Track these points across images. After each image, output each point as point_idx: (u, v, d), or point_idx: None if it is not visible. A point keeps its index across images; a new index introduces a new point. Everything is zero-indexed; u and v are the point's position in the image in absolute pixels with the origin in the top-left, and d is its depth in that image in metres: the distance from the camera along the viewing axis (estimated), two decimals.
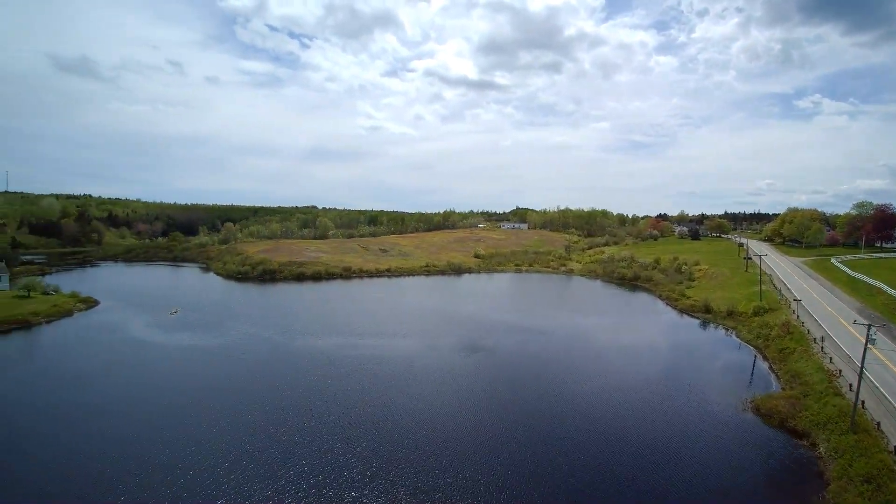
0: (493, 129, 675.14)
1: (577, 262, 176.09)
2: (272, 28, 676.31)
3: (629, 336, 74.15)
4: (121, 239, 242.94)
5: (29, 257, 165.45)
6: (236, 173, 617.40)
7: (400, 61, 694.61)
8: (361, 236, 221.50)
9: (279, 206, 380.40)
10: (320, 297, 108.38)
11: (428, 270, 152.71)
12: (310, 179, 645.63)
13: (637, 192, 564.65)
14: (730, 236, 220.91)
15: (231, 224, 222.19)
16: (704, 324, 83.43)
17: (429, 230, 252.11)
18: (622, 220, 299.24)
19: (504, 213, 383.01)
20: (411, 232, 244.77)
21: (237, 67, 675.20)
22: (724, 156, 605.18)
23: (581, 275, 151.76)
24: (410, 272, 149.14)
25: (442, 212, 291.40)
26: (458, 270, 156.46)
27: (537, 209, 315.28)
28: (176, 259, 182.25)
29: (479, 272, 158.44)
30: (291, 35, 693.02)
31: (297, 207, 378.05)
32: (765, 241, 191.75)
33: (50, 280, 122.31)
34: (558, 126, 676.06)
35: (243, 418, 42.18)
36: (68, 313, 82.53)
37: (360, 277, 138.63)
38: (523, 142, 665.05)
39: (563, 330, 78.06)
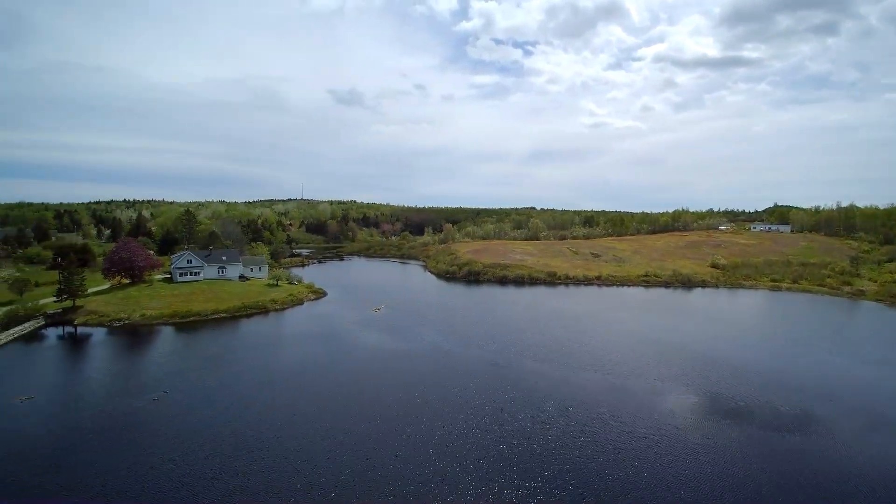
0: (740, 112, 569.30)
1: (869, 280, 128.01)
2: (498, 41, 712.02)
3: None
4: (369, 237, 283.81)
5: (299, 251, 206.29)
6: (466, 178, 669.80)
7: (625, 51, 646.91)
8: (574, 238, 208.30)
9: (499, 208, 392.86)
10: (517, 304, 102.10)
11: (647, 280, 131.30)
12: (530, 181, 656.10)
13: None
14: None
15: (450, 225, 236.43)
16: None
17: (652, 232, 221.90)
18: None
19: (755, 212, 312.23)
20: (631, 234, 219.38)
21: (469, 83, 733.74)
22: None
23: (877, 299, 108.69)
24: (625, 281, 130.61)
25: (671, 211, 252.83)
26: (686, 283, 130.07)
27: (804, 207, 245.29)
28: (403, 256, 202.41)
29: (716, 286, 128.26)
30: (515, 44, 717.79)
31: (515, 209, 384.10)
32: None
33: (305, 271, 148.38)
34: (835, 101, 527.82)
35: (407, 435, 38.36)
36: (300, 302, 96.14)
37: (566, 284, 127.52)
38: (783, 124, 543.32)
39: None
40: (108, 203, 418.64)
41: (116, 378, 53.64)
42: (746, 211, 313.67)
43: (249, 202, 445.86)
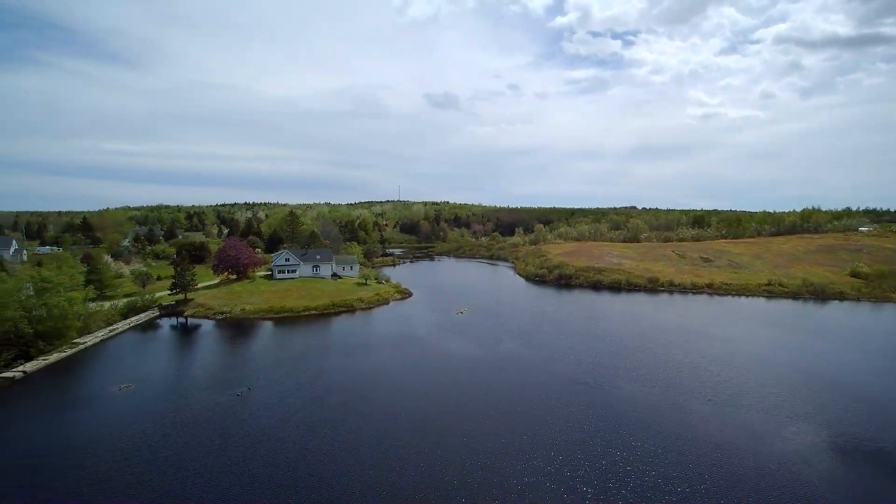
0: (880, 96, 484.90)
1: None
2: (595, 34, 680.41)
3: None
4: (459, 237, 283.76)
5: (391, 250, 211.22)
6: (560, 177, 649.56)
7: (740, 34, 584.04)
8: (680, 240, 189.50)
9: (596, 208, 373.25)
10: (613, 312, 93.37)
11: (770, 290, 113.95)
12: (630, 179, 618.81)
13: None
14: None
15: (541, 225, 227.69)
16: None
17: (776, 234, 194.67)
18: None
19: None
20: (750, 236, 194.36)
21: (564, 79, 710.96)
22: None
23: None
24: (743, 290, 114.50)
25: (798, 210, 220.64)
26: (820, 294, 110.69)
27: None
28: (492, 257, 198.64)
29: (856, 299, 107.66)
30: (614, 36, 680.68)
31: (613, 208, 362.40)
32: None
33: (395, 270, 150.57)
34: None
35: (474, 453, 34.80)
36: (385, 302, 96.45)
37: (670, 292, 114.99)
38: None
39: None
40: (232, 205, 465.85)
41: (208, 371, 56.24)
42: (891, 210, 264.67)
43: (351, 204, 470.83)
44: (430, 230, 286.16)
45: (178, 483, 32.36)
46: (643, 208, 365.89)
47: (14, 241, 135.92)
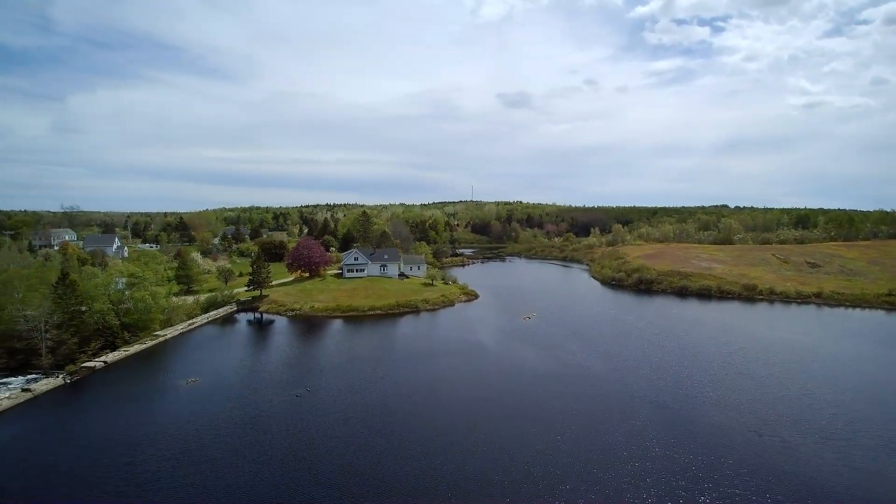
0: None
1: None
2: (679, 22, 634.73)
3: None
4: (532, 237, 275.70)
5: (461, 250, 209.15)
6: (641, 175, 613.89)
7: (846, 14, 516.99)
8: (781, 242, 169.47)
9: (681, 206, 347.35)
10: (702, 323, 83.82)
11: (892, 302, 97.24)
12: (720, 176, 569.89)
13: None
14: None
15: (619, 225, 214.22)
16: None
17: (895, 237, 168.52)
18: None
19: None
20: (864, 239, 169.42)
21: (645, 71, 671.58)
22: None
23: None
24: (858, 301, 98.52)
25: None
26: None
27: None
28: (565, 258, 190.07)
29: None
30: (701, 22, 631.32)
31: (702, 207, 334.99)
32: None
33: (464, 271, 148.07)
34: None
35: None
36: (451, 304, 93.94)
37: (770, 301, 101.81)
38: None
39: None
40: (314, 206, 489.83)
41: (272, 368, 56.73)
42: None
43: (425, 204, 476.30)
44: (502, 230, 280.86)
45: (223, 489, 31.50)
46: (735, 207, 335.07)
47: (117, 239, 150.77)
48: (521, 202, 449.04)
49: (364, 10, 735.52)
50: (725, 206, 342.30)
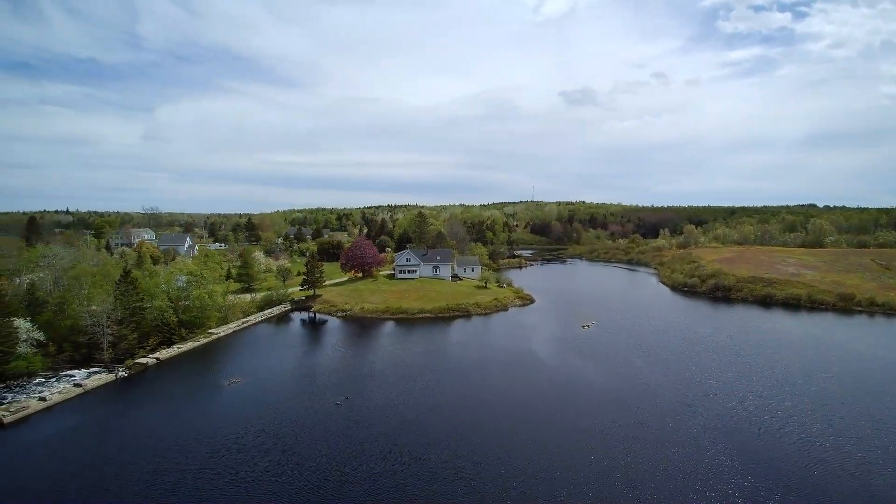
0: None
1: None
2: (757, 8, 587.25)
3: None
4: (595, 239, 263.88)
5: (519, 252, 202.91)
6: (715, 172, 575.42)
7: None
8: (880, 246, 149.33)
9: (762, 206, 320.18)
10: (790, 339, 73.67)
11: None
12: (806, 172, 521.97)
13: None
14: None
15: (692, 227, 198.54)
16: None
17: None
18: None
19: None
20: None
21: (719, 62, 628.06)
22: None
23: None
24: None
25: None
26: None
27: None
28: (631, 261, 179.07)
29: None
30: (781, 7, 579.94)
31: (785, 207, 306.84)
32: None
33: (521, 273, 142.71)
34: None
35: None
36: (504, 308, 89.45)
37: (870, 313, 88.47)
38: None
39: None
40: (376, 207, 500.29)
41: (315, 372, 55.37)
42: None
43: (484, 205, 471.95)
44: (563, 231, 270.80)
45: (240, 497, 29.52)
46: (825, 206, 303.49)
47: (188, 238, 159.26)
48: (583, 202, 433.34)
49: (424, 14, 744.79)
50: (813, 206, 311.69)
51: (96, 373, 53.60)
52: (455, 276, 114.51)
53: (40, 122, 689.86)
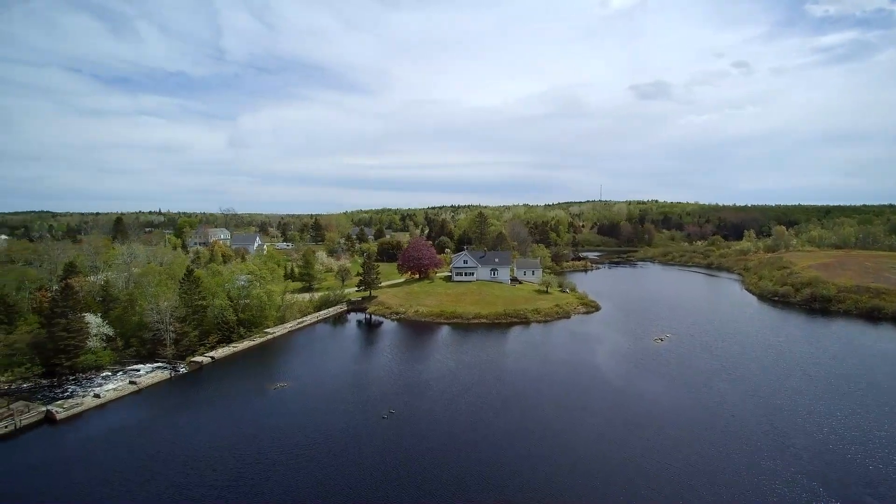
0: None
1: None
2: None
3: None
4: (670, 240, 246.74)
5: (585, 253, 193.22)
6: (806, 168, 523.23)
7: None
8: None
9: (862, 205, 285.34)
10: None
11: None
12: None
13: None
14: None
15: (782, 228, 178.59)
16: None
17: None
18: None
19: None
20: None
21: (809, 48, 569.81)
22: None
23: None
24: None
25: None
26: None
27: None
28: (710, 266, 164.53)
29: None
30: None
31: (890, 206, 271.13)
32: None
33: (587, 276, 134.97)
34: None
35: None
36: (566, 315, 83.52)
37: None
38: None
39: None
40: (440, 208, 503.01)
41: (362, 380, 53.40)
42: None
43: (549, 205, 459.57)
44: (633, 232, 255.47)
45: None
46: None
47: (258, 238, 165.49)
48: (655, 201, 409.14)
49: (488, 14, 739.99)
50: None
51: (158, 368, 55.04)
52: (514, 280, 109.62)
53: (137, 132, 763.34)
